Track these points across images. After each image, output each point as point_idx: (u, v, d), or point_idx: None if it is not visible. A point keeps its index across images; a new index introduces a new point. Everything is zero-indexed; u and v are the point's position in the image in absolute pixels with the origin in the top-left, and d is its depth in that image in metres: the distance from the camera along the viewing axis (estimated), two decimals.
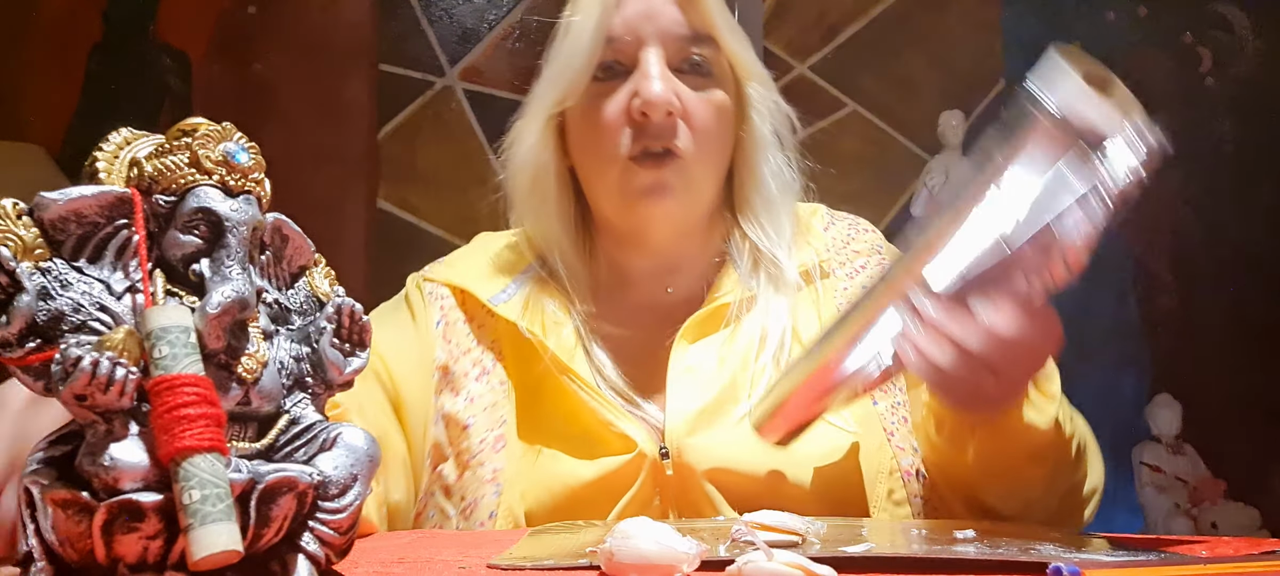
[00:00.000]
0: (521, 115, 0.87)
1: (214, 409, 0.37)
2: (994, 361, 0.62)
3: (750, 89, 0.86)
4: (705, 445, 0.77)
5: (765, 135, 0.86)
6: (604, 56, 0.81)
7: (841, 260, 0.88)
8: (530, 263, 0.88)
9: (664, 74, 0.80)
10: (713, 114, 0.82)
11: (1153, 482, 3.07)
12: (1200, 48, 3.38)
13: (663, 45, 0.81)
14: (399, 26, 2.97)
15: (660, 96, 0.79)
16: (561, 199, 0.87)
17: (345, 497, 0.41)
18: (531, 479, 0.78)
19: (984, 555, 0.48)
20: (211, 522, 0.35)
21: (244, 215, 0.41)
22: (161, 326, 0.37)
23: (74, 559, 0.36)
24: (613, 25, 0.81)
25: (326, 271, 0.48)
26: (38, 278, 0.38)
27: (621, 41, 0.81)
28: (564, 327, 0.83)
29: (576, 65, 0.81)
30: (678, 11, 0.82)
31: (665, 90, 0.79)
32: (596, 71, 0.82)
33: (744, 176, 0.87)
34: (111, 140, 0.42)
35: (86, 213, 0.40)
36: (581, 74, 0.81)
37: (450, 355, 0.85)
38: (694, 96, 0.82)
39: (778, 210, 0.87)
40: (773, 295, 0.84)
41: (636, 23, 0.81)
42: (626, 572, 0.44)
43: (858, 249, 0.90)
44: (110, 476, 0.35)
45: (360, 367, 0.45)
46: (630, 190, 0.82)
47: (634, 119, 0.80)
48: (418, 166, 2.92)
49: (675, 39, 0.81)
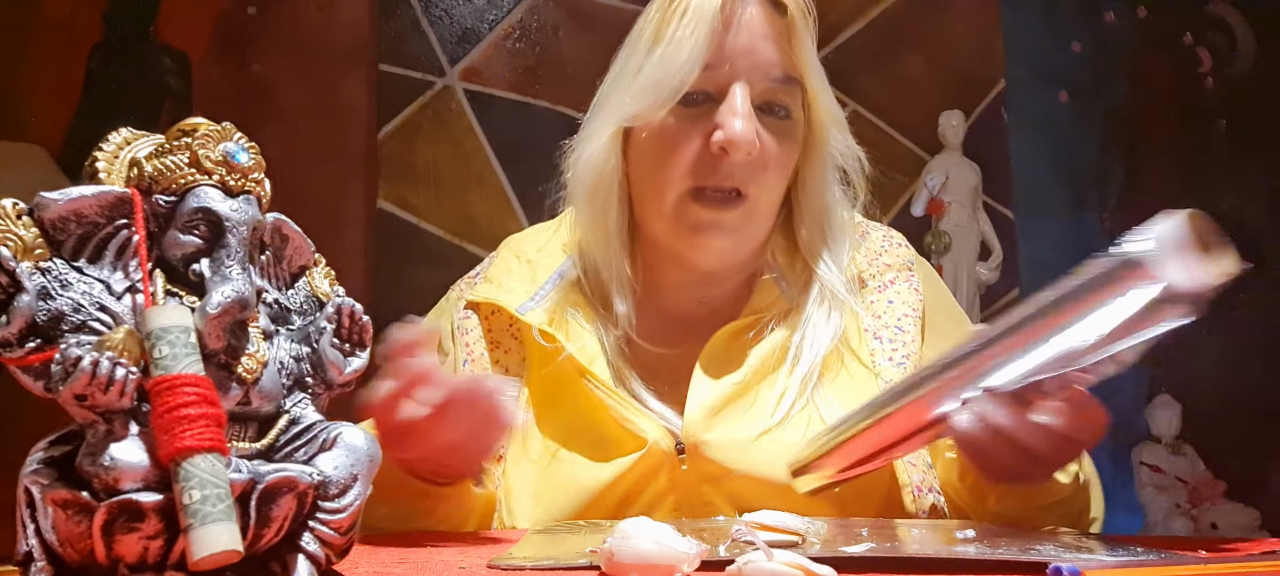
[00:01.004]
0: (593, 115, 0.85)
1: (214, 409, 0.37)
2: (1039, 451, 0.64)
3: (824, 131, 0.85)
4: (721, 442, 0.77)
5: (824, 168, 0.86)
6: (696, 84, 0.79)
7: (873, 272, 0.88)
8: (560, 264, 0.88)
9: (749, 113, 0.78)
10: (784, 156, 0.82)
11: (1152, 482, 3.08)
12: (1199, 49, 3.39)
13: (752, 83, 0.79)
14: (399, 26, 2.97)
15: (745, 137, 0.77)
16: (620, 212, 0.85)
17: (345, 497, 0.41)
18: (547, 482, 0.78)
19: (984, 555, 0.48)
20: (211, 522, 0.35)
21: (244, 215, 0.41)
22: (161, 326, 0.37)
23: (74, 559, 0.36)
24: (712, 54, 0.78)
25: (326, 271, 0.48)
26: (38, 278, 0.38)
27: (717, 72, 0.79)
28: (588, 332, 0.83)
29: (669, 85, 0.78)
30: (775, 52, 0.80)
31: (750, 130, 0.77)
32: (684, 98, 0.79)
33: (806, 209, 0.86)
34: (111, 140, 0.42)
35: (87, 213, 0.40)
36: (672, 94, 0.78)
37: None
38: (772, 141, 0.80)
39: (838, 243, 0.86)
40: (822, 316, 0.83)
41: (735, 56, 0.79)
42: (626, 572, 0.44)
43: (889, 262, 0.89)
44: (110, 476, 0.35)
45: (360, 368, 0.45)
46: (686, 222, 0.81)
47: (712, 153, 0.78)
48: (417, 166, 2.92)
49: (766, 78, 0.80)
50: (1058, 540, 0.54)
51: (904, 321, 0.85)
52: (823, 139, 0.85)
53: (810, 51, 0.82)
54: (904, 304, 0.86)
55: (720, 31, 0.78)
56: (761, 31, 0.79)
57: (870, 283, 0.87)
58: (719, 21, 0.78)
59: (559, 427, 0.81)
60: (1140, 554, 0.49)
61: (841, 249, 0.87)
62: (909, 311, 0.86)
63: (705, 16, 0.78)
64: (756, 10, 0.80)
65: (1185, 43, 3.37)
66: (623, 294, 0.84)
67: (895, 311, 0.86)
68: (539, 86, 2.77)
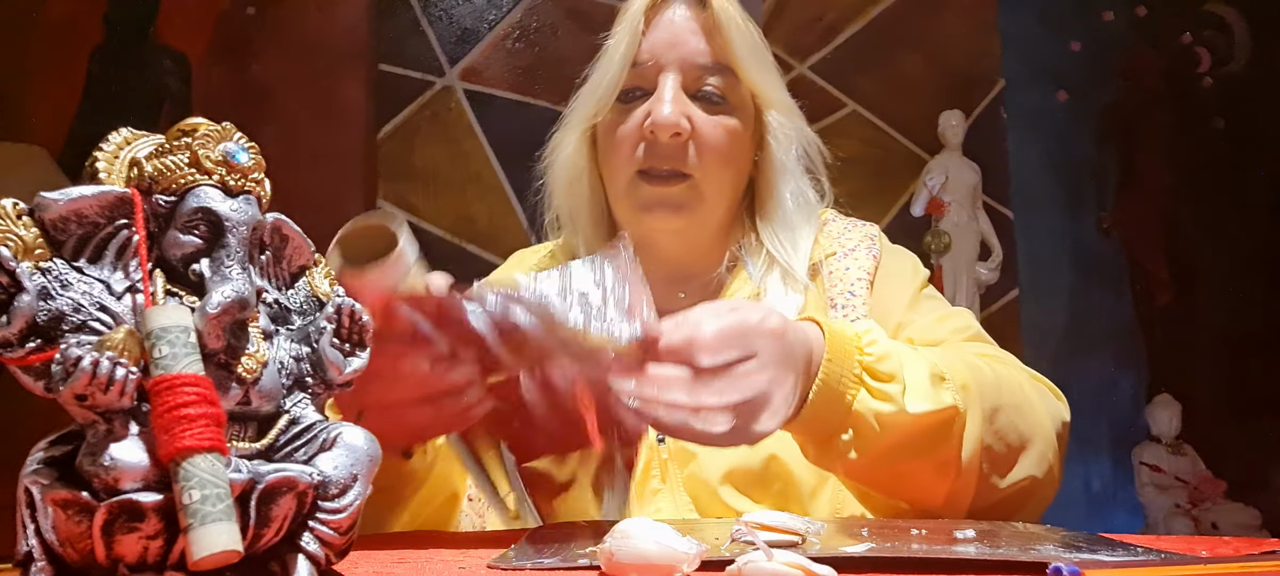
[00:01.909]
0: (561, 125, 0.95)
1: (214, 409, 0.37)
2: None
3: (770, 116, 0.91)
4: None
5: (783, 159, 0.92)
6: (628, 82, 0.88)
7: (837, 246, 0.93)
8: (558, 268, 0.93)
9: (676, 98, 0.86)
10: (723, 138, 0.87)
11: (1153, 482, 3.08)
12: (1197, 48, 3.39)
13: (681, 72, 0.87)
14: (398, 27, 2.97)
15: (668, 119, 0.84)
16: (593, 203, 0.94)
17: (345, 497, 0.41)
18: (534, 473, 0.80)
19: (984, 555, 0.48)
20: (211, 522, 0.35)
21: (244, 215, 0.41)
22: (161, 326, 0.37)
23: (74, 559, 0.36)
24: (639, 51, 0.87)
25: (326, 271, 0.48)
26: (38, 278, 0.38)
27: (644, 67, 0.87)
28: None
29: (605, 85, 0.88)
30: (700, 41, 0.87)
31: (674, 113, 0.85)
32: (621, 93, 0.88)
33: (765, 196, 0.93)
34: (112, 140, 0.42)
35: (87, 213, 0.40)
36: (609, 93, 0.88)
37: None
38: (706, 121, 0.87)
39: (795, 227, 0.91)
40: (781, 295, 0.88)
41: (659, 50, 0.87)
42: (626, 572, 0.44)
43: (853, 237, 0.93)
44: (110, 476, 0.35)
45: (360, 368, 0.45)
46: (637, 201, 0.88)
47: (645, 137, 0.86)
48: (416, 166, 2.92)
49: (694, 67, 0.87)
50: (1058, 540, 0.55)
51: (856, 286, 0.89)
52: (777, 127, 0.91)
53: (745, 42, 0.88)
54: (859, 268, 0.90)
55: (645, 31, 0.87)
56: (686, 26, 0.88)
57: (837, 252, 0.92)
58: (643, 23, 0.87)
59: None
60: (1140, 554, 0.49)
61: (801, 234, 0.91)
62: (862, 276, 0.89)
63: (633, 20, 0.87)
64: (680, 9, 0.89)
65: (1183, 42, 3.37)
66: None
67: (850, 277, 0.90)
68: (538, 86, 2.77)
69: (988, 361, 0.77)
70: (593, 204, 0.94)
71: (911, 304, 0.89)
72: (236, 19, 2.88)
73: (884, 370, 0.67)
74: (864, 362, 0.67)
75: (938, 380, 0.68)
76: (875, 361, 0.68)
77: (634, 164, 0.87)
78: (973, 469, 0.70)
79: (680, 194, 0.87)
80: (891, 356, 0.68)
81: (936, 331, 0.85)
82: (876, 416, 0.66)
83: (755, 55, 0.89)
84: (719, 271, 0.91)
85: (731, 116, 0.88)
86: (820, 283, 0.90)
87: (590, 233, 0.94)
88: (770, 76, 0.91)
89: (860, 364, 0.67)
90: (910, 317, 0.87)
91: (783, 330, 0.64)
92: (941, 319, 0.87)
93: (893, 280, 0.90)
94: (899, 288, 0.89)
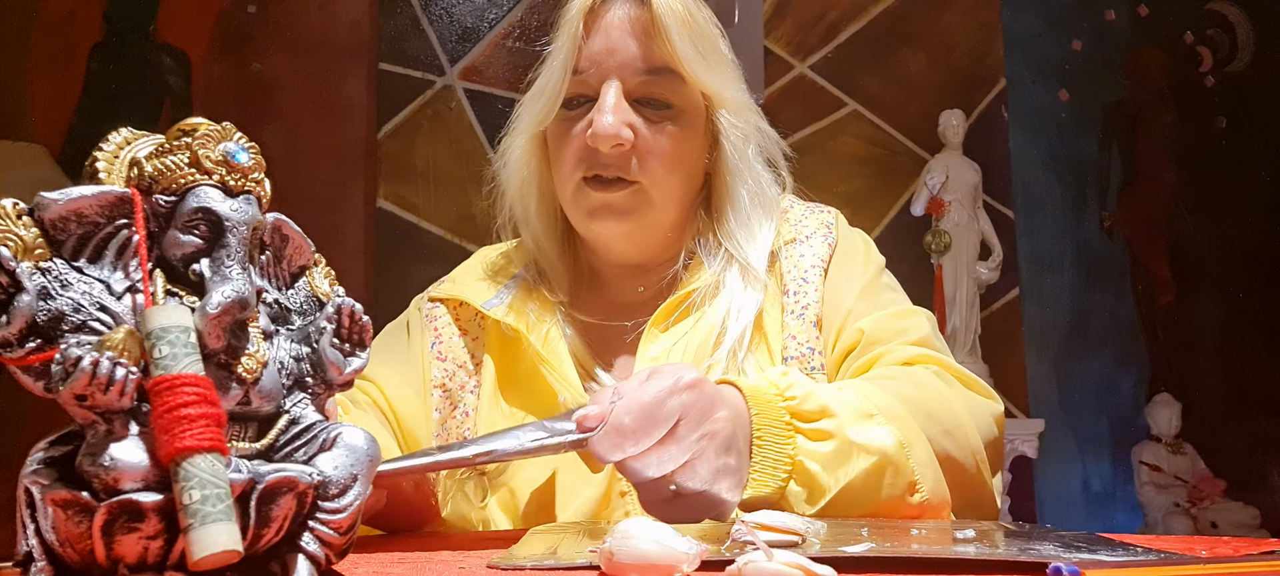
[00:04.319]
0: (509, 130, 0.94)
1: (214, 409, 0.37)
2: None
3: (720, 117, 0.89)
4: None
5: (736, 160, 0.90)
6: (570, 90, 0.86)
7: (796, 232, 0.92)
8: (520, 269, 0.94)
9: (617, 107, 0.83)
10: (668, 145, 0.86)
11: (1152, 481, 3.08)
12: (1200, 47, 3.39)
13: (623, 79, 0.84)
14: (399, 25, 2.97)
15: (607, 131, 0.82)
16: (543, 207, 0.93)
17: (345, 497, 0.41)
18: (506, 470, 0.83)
19: (984, 555, 0.48)
20: (211, 522, 0.35)
21: (244, 215, 0.41)
22: (161, 326, 0.37)
23: (74, 559, 0.36)
24: (578, 59, 0.85)
25: (326, 271, 0.48)
26: (38, 278, 0.38)
27: (585, 75, 0.85)
28: (545, 324, 0.88)
29: (548, 93, 0.86)
30: (641, 45, 0.85)
31: (615, 123, 0.83)
32: (565, 100, 0.86)
33: (721, 196, 0.91)
34: (112, 140, 0.42)
35: (87, 212, 0.40)
36: (551, 103, 0.86)
37: (446, 372, 0.90)
38: (650, 129, 0.85)
39: (752, 224, 0.90)
40: (741, 289, 0.87)
41: (599, 57, 0.85)
42: (626, 572, 0.44)
43: (811, 223, 0.93)
44: (110, 476, 0.35)
45: (360, 368, 0.45)
46: (583, 207, 0.87)
47: (588, 147, 0.85)
48: (417, 165, 2.92)
49: (635, 73, 0.85)
50: (1058, 540, 0.55)
51: (810, 272, 0.88)
52: (728, 127, 0.89)
53: (692, 41, 0.85)
54: (814, 255, 0.89)
55: (583, 38, 0.85)
56: (625, 30, 0.85)
57: (796, 239, 0.91)
58: (582, 29, 0.85)
59: (520, 414, 0.86)
60: (1140, 553, 0.49)
61: (760, 229, 0.90)
62: (816, 263, 0.89)
63: (572, 26, 0.85)
64: (620, 11, 0.85)
65: (1186, 41, 3.37)
66: (561, 285, 0.92)
67: (804, 264, 0.89)
68: None
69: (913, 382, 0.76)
70: (543, 208, 0.93)
71: (864, 293, 0.88)
72: (237, 17, 2.88)
73: (810, 409, 0.67)
74: (789, 407, 0.67)
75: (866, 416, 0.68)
76: (799, 403, 0.67)
77: (579, 170, 0.86)
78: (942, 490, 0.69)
79: (625, 200, 0.86)
80: (813, 394, 0.68)
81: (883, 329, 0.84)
82: (819, 459, 0.66)
83: (703, 53, 0.86)
84: (675, 267, 0.90)
85: (676, 121, 0.86)
86: (778, 271, 0.89)
87: (542, 235, 0.93)
88: (720, 74, 0.88)
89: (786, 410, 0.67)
90: (862, 307, 0.86)
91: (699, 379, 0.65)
92: (894, 316, 0.86)
93: (846, 266, 0.90)
94: (851, 274, 0.89)
